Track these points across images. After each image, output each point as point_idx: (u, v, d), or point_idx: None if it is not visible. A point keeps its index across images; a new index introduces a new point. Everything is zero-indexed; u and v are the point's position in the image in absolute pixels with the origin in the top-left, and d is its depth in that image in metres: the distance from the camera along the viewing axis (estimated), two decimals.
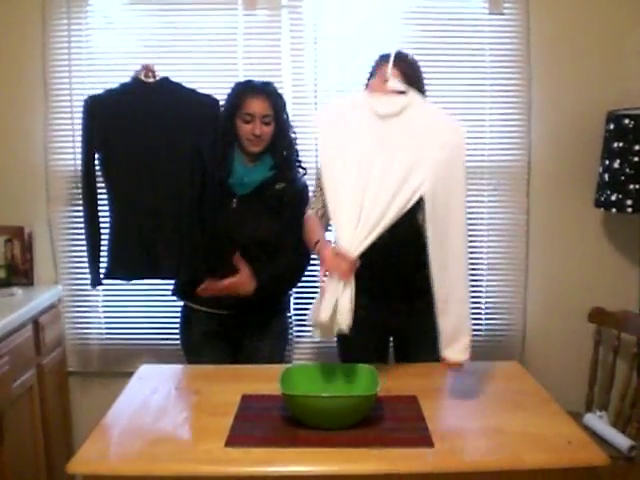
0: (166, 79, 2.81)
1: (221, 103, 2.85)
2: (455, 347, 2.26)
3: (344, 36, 3.30)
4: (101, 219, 2.94)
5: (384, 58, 2.45)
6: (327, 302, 2.14)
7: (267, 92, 2.79)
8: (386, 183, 2.21)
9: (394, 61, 2.38)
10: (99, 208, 2.93)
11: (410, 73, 2.46)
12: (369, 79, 2.52)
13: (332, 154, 2.31)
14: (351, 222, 2.20)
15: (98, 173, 2.88)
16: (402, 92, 2.31)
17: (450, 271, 2.24)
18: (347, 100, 2.42)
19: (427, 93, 2.53)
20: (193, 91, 2.83)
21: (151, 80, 2.78)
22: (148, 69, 2.78)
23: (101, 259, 2.91)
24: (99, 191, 2.91)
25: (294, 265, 2.81)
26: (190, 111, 2.78)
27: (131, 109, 2.77)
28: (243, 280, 2.71)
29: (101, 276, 2.91)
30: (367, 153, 2.24)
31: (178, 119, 2.76)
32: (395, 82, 2.32)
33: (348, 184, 2.23)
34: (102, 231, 2.93)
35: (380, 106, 2.28)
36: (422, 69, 2.58)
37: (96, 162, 2.86)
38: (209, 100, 2.82)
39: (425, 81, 2.58)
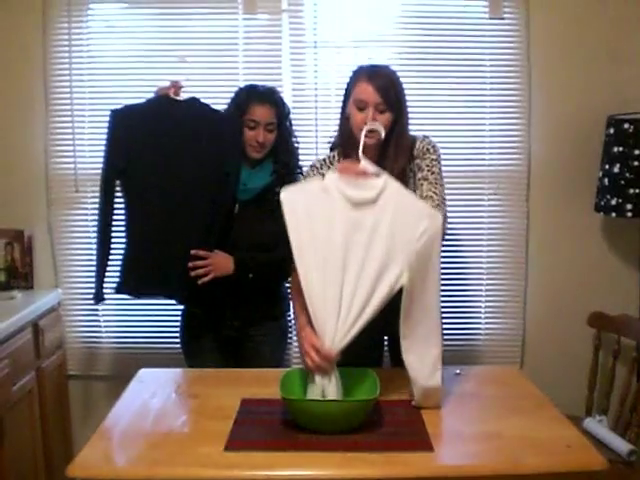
0: (195, 99, 2.76)
1: (223, 107, 2.85)
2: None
3: (344, 40, 3.30)
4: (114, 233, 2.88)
5: (359, 72, 2.38)
6: (315, 388, 2.14)
7: (272, 100, 2.80)
8: (362, 280, 2.11)
9: (370, 77, 2.32)
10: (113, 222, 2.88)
11: (387, 87, 2.33)
12: (345, 95, 2.43)
13: (303, 245, 2.16)
14: (330, 319, 2.11)
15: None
16: (375, 174, 2.18)
17: (421, 345, 2.19)
18: (316, 185, 2.23)
19: (427, 97, 2.52)
20: (218, 112, 2.80)
21: (180, 98, 2.74)
22: (177, 86, 2.74)
23: (107, 274, 2.86)
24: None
25: (283, 260, 2.76)
26: (215, 130, 2.74)
27: (159, 125, 2.72)
28: (218, 258, 2.71)
29: (105, 291, 2.87)
30: (340, 246, 2.13)
31: (204, 138, 2.72)
32: (367, 164, 2.19)
33: (322, 280, 2.13)
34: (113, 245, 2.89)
35: (353, 192, 2.15)
36: (402, 80, 2.43)
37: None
38: (233, 122, 2.79)
39: (415, 90, 2.55)
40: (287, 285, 3.08)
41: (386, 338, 2.78)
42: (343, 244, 2.13)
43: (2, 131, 3.35)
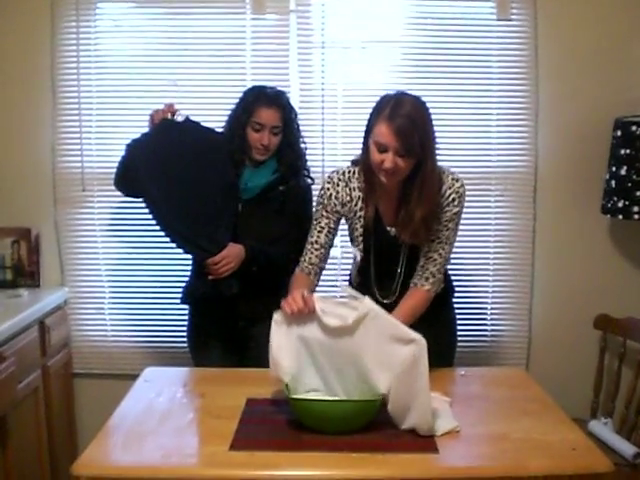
0: (188, 119, 2.77)
1: (230, 107, 2.86)
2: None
3: (352, 41, 3.30)
4: None
5: (380, 108, 2.26)
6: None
7: (279, 103, 2.80)
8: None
9: (390, 118, 2.19)
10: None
11: (409, 132, 2.20)
12: (367, 126, 2.33)
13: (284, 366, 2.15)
14: None
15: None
16: (355, 298, 2.12)
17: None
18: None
19: (435, 98, 2.49)
20: (208, 129, 2.82)
21: (179, 119, 2.74)
22: (172, 109, 2.73)
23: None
24: None
25: (290, 254, 2.78)
26: (213, 146, 2.77)
27: (170, 150, 2.72)
28: (230, 250, 2.71)
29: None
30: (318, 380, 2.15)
31: (206, 155, 2.75)
32: (348, 290, 2.17)
33: None
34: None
35: (330, 319, 2.10)
36: (430, 111, 2.31)
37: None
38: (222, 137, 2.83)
39: (423, 92, 2.38)
40: None
41: None
42: (320, 368, 2.14)
43: (10, 129, 3.36)
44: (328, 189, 2.45)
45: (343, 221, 2.56)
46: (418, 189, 2.31)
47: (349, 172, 2.48)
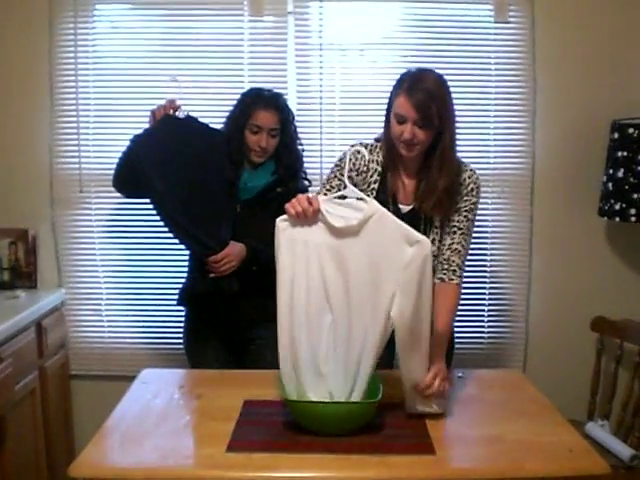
0: (189, 115, 2.78)
1: (228, 109, 2.86)
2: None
3: (350, 43, 3.31)
4: None
5: (401, 82, 2.27)
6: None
7: (277, 106, 2.81)
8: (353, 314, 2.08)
9: (410, 90, 2.21)
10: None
11: (427, 103, 2.21)
12: (389, 100, 2.34)
13: (290, 284, 2.14)
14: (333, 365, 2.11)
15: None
16: (361, 199, 2.11)
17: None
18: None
19: None
20: (210, 126, 2.83)
21: (181, 115, 2.75)
22: (174, 104, 2.73)
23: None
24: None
25: None
26: (211, 141, 2.79)
27: (175, 145, 2.72)
28: (232, 248, 2.72)
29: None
30: (320, 282, 2.11)
31: (207, 150, 2.77)
32: (353, 191, 2.15)
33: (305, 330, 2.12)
34: None
35: (335, 220, 2.08)
36: (449, 88, 2.32)
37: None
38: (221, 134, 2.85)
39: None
40: None
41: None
42: (324, 278, 2.10)
43: (7, 130, 3.36)
44: (347, 155, 2.38)
45: None
46: (439, 160, 2.32)
47: (371, 145, 2.48)
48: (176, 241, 2.79)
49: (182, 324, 3.02)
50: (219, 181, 2.76)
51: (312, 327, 2.11)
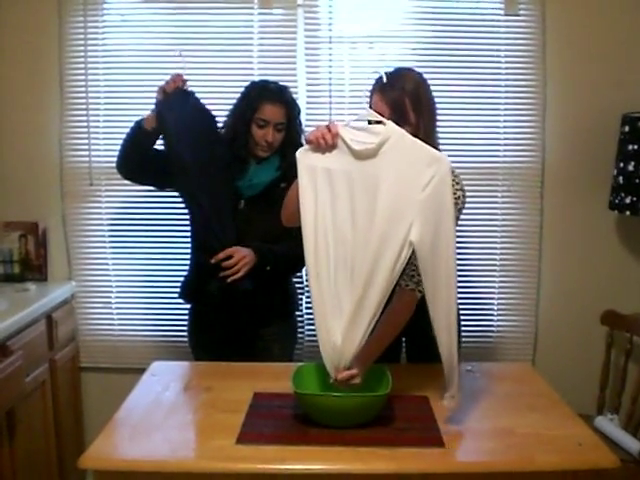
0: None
1: (233, 102, 2.84)
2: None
3: (359, 35, 3.30)
4: None
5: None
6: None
7: (284, 100, 2.77)
8: (370, 240, 2.05)
9: (379, 88, 2.24)
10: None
11: (398, 100, 2.21)
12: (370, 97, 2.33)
13: (311, 207, 2.11)
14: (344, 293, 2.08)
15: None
16: (379, 122, 2.09)
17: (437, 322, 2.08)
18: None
19: (442, 93, 2.46)
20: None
21: (188, 89, 2.71)
22: (181, 78, 2.68)
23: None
24: None
25: (294, 251, 2.74)
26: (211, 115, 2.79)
27: (186, 116, 2.70)
28: (243, 252, 2.68)
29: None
30: (344, 202, 2.08)
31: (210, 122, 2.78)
32: (371, 113, 2.12)
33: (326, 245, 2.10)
34: None
35: (355, 143, 2.07)
36: (428, 83, 2.31)
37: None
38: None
39: (435, 93, 2.33)
40: (295, 280, 3.10)
41: (404, 340, 2.77)
42: (347, 199, 2.08)
43: (18, 124, 3.37)
44: None
45: None
46: None
47: None
48: (187, 232, 2.78)
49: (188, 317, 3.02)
50: (224, 173, 2.74)
51: (337, 241, 2.10)
